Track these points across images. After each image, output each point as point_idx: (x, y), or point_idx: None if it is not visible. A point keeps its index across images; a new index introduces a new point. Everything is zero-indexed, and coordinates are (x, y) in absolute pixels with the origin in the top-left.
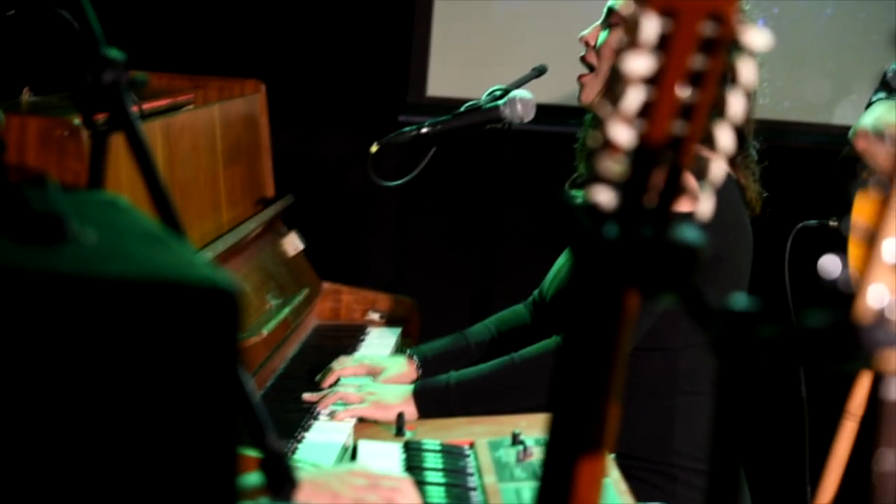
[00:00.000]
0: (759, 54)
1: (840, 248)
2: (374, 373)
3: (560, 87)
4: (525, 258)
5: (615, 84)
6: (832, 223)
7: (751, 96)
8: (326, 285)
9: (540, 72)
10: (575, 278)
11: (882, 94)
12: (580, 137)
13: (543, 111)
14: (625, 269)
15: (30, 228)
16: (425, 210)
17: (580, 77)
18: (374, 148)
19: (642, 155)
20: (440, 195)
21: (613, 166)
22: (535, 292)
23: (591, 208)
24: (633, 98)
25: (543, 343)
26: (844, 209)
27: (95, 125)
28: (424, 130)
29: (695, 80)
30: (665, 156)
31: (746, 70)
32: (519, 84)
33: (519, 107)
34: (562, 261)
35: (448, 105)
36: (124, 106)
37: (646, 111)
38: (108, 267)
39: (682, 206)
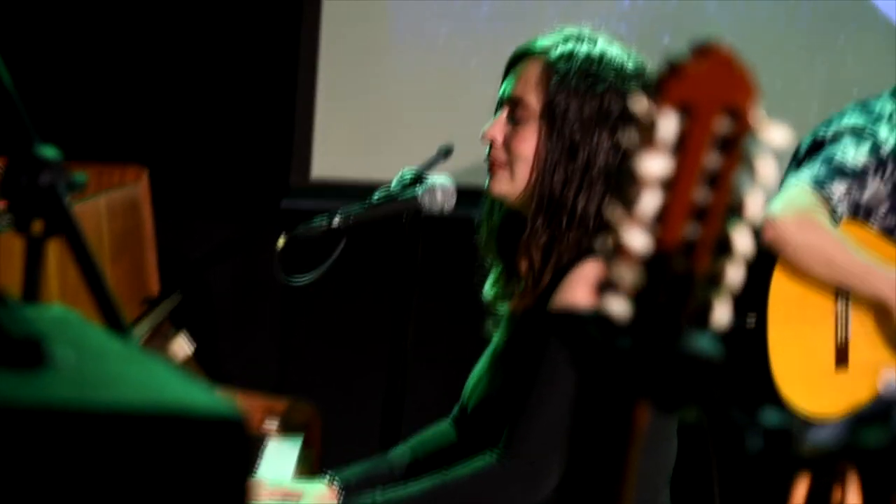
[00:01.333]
0: (779, 150)
1: (760, 350)
2: (291, 498)
3: (465, 167)
4: (440, 356)
5: (627, 186)
6: (749, 322)
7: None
8: (219, 391)
9: (446, 152)
10: (584, 393)
11: (795, 177)
12: (481, 224)
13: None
14: (639, 382)
15: (6, 353)
16: (325, 304)
17: (492, 166)
18: (280, 242)
19: (656, 261)
20: (340, 287)
21: (626, 274)
22: (457, 407)
23: (602, 319)
24: (649, 202)
25: (476, 462)
26: (761, 304)
27: (31, 231)
28: (336, 222)
29: (710, 179)
30: (679, 262)
31: (765, 167)
32: (428, 167)
33: (439, 195)
34: (483, 365)
35: (335, 187)
36: (64, 210)
37: (659, 215)
38: (100, 394)
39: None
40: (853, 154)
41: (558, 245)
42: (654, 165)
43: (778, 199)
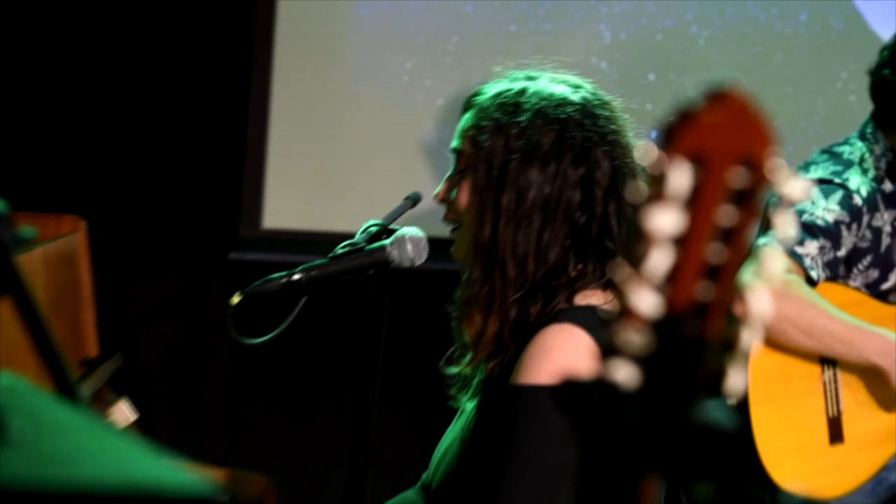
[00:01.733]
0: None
1: (743, 431)
2: None
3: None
4: (407, 423)
5: (635, 244)
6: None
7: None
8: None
9: (414, 201)
10: (585, 468)
11: (765, 238)
12: (456, 299)
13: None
14: (647, 455)
15: None
16: (280, 366)
17: (451, 231)
18: (235, 299)
19: (665, 324)
20: (297, 348)
21: (634, 338)
22: (424, 475)
23: (607, 387)
24: (659, 260)
25: None
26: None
27: None
28: (297, 277)
29: (724, 235)
30: (690, 325)
31: (783, 222)
32: (394, 217)
33: (409, 247)
34: (451, 436)
35: (288, 239)
36: (11, 267)
37: (669, 274)
38: (64, 472)
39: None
40: (822, 208)
41: (500, 299)
42: (665, 221)
43: (748, 266)
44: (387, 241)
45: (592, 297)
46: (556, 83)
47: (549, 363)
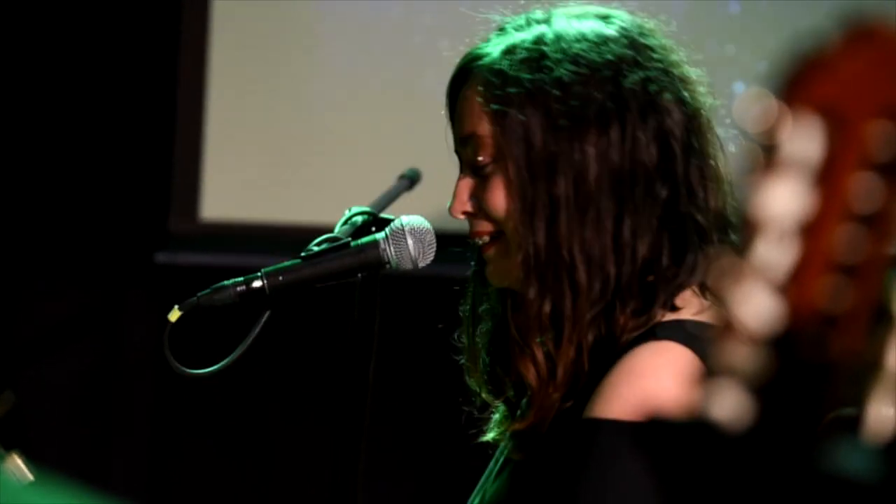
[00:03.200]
0: None
1: None
2: None
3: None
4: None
5: (738, 231)
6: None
7: None
8: None
9: (411, 180)
10: None
11: None
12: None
13: None
14: None
15: None
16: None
17: (483, 249)
18: (173, 315)
19: (783, 341)
20: (254, 378)
21: (740, 360)
22: None
23: (704, 426)
24: (775, 254)
25: None
26: None
27: None
28: (257, 285)
29: (865, 219)
30: (817, 341)
31: None
32: (387, 201)
33: (410, 242)
34: (493, 491)
35: (234, 233)
36: None
37: (788, 273)
38: None
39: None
40: None
41: (572, 320)
42: (782, 199)
43: None
44: (379, 235)
45: (688, 304)
46: (579, 19)
47: (635, 392)
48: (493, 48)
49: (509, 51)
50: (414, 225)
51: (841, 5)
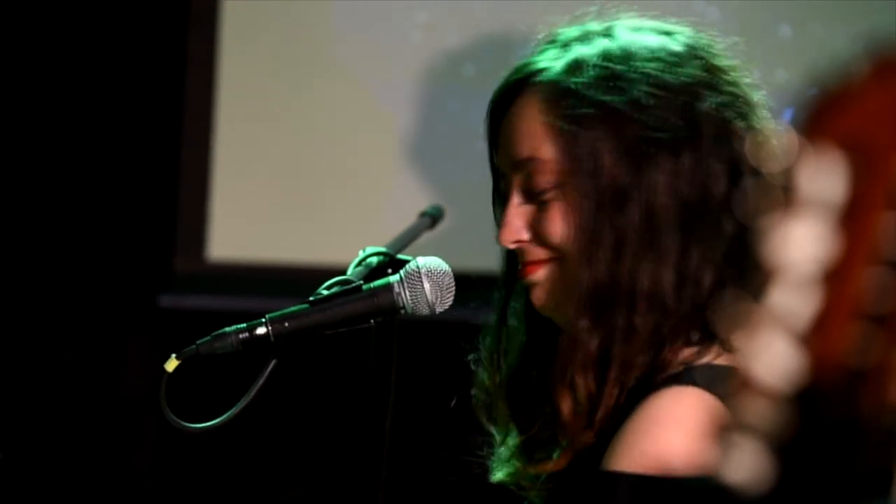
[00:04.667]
0: None
1: None
2: None
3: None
4: None
5: (755, 277)
6: None
7: None
8: None
9: (433, 218)
10: None
11: None
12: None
13: None
14: None
15: None
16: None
17: (528, 267)
18: (171, 365)
19: (806, 397)
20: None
21: (758, 417)
22: None
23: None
24: (793, 302)
25: None
26: None
27: None
28: (262, 331)
29: (892, 265)
30: (844, 397)
31: None
32: (405, 242)
33: (427, 286)
34: None
35: (242, 274)
36: None
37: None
38: None
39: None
40: None
41: (621, 358)
42: (802, 242)
43: None
44: (394, 278)
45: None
46: (643, 33)
47: (656, 446)
48: (553, 62)
49: (575, 66)
50: (431, 267)
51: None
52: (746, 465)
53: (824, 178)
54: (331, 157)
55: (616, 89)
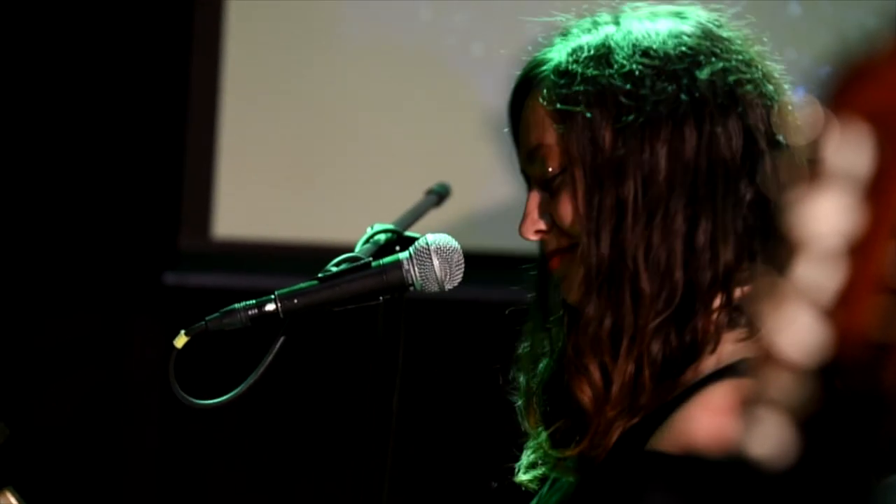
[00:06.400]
0: None
1: None
2: None
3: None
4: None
5: (779, 251)
6: None
7: None
8: None
9: (440, 196)
10: None
11: None
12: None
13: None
14: None
15: None
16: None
17: (552, 260)
18: (180, 341)
19: (830, 371)
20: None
21: (782, 392)
22: None
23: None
24: (817, 275)
25: None
26: None
27: None
28: (271, 308)
29: None
30: (868, 371)
31: None
32: (412, 219)
33: (436, 263)
34: None
35: (248, 252)
36: None
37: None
38: None
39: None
40: None
41: (632, 331)
42: (829, 215)
43: None
44: (403, 255)
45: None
46: (650, 19)
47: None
48: (557, 53)
49: (574, 51)
50: (440, 244)
51: None
52: (771, 438)
53: (850, 152)
54: (336, 135)
55: (607, 64)
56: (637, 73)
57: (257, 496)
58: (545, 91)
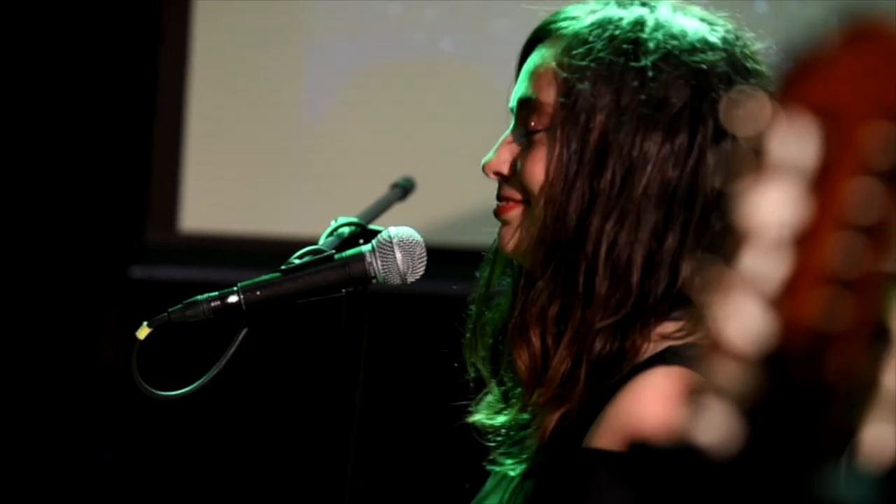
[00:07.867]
0: None
1: None
2: None
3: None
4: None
5: (726, 240)
6: None
7: None
8: None
9: (405, 190)
10: None
11: None
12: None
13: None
14: None
15: None
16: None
17: (501, 210)
18: (142, 333)
19: (774, 361)
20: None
21: (727, 381)
22: None
23: (691, 452)
24: (763, 265)
25: None
26: None
27: None
28: (233, 300)
29: (864, 229)
30: (811, 361)
31: None
32: (376, 212)
33: (399, 256)
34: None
35: (214, 246)
36: None
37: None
38: None
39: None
40: None
41: (579, 325)
42: (773, 206)
43: None
44: (366, 248)
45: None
46: (684, 15)
47: (634, 423)
48: (586, 15)
49: (602, 24)
50: (403, 237)
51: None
52: (717, 427)
53: (796, 144)
54: (302, 130)
55: (627, 53)
56: (650, 74)
57: (223, 487)
58: (558, 52)
